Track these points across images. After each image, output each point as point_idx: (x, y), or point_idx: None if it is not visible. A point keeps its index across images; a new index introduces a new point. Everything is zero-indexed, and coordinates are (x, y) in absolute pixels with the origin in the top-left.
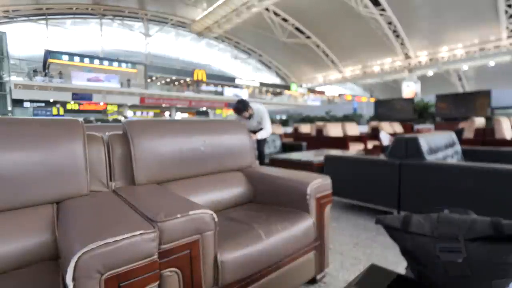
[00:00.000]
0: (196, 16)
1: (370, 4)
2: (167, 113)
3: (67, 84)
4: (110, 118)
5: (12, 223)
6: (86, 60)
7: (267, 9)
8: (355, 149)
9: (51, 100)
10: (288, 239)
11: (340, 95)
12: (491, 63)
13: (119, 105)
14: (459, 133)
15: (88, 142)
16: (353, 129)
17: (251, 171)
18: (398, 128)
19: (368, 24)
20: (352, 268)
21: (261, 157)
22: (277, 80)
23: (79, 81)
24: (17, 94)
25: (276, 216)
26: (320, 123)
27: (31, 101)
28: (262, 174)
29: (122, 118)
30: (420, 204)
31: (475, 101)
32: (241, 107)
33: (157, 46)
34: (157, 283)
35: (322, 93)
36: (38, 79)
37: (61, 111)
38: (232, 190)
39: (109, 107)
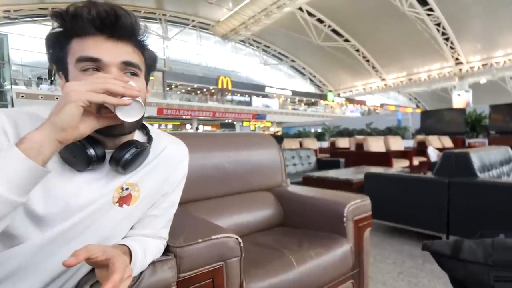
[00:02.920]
0: (221, 16)
1: (416, 4)
2: (188, 126)
3: None
4: None
5: None
6: None
7: (300, 9)
8: (399, 166)
9: None
10: (322, 267)
11: (382, 105)
12: None
13: None
14: None
15: None
16: (397, 144)
17: (281, 191)
18: (447, 142)
19: (414, 26)
20: None
21: None
22: (311, 89)
23: None
24: (20, 105)
25: (309, 241)
26: (360, 137)
27: None
28: (294, 195)
29: None
30: (472, 228)
31: None
32: None
33: (176, 50)
34: None
35: (362, 102)
36: (43, 88)
37: None
38: (260, 212)
39: None
